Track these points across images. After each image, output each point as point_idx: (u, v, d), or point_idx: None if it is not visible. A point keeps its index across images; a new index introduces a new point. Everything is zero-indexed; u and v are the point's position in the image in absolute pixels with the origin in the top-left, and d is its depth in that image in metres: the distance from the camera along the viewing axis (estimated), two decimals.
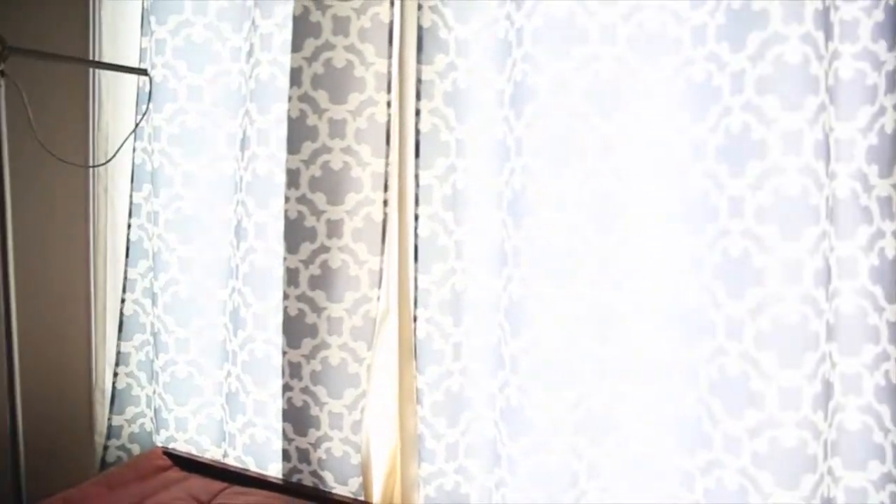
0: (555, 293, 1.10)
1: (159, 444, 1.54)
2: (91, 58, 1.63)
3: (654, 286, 1.10)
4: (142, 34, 1.52)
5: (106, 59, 1.60)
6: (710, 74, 1.01)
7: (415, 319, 1.22)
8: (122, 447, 1.61)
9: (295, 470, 1.35)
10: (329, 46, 1.23)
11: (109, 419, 1.59)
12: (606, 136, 1.09)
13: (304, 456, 1.33)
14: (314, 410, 1.30)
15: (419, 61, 1.20)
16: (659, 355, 1.10)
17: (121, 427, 1.60)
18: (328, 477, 1.32)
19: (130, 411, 1.60)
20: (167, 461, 1.46)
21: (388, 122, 1.26)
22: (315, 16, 1.24)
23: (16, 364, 1.31)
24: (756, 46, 0.94)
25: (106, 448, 1.60)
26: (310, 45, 1.24)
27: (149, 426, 1.61)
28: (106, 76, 1.60)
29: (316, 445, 1.32)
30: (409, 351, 1.25)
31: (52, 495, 1.30)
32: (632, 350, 1.12)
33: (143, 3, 1.52)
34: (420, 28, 1.19)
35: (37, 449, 1.72)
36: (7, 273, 1.28)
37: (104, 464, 1.62)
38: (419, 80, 1.20)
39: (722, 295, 0.99)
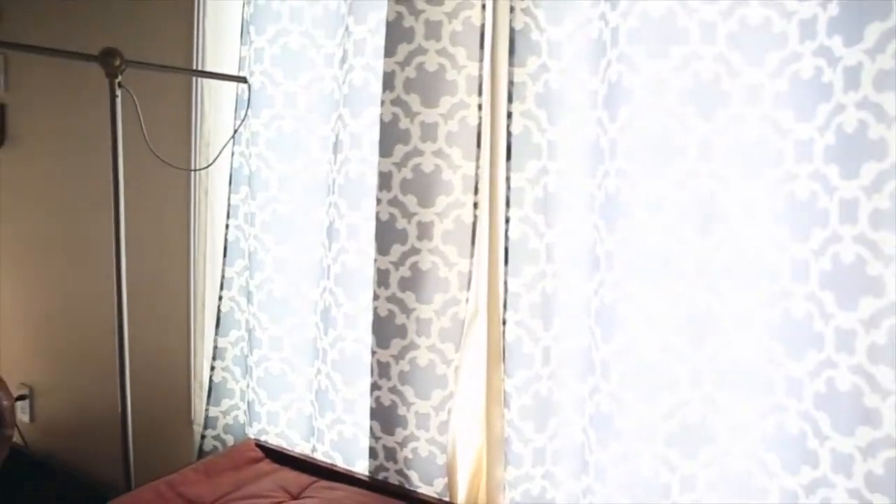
0: (648, 297, 1.07)
1: (251, 436, 1.60)
2: (194, 68, 1.71)
3: (754, 292, 1.05)
4: (241, 44, 1.59)
5: (208, 69, 1.68)
6: (820, 70, 0.96)
7: (504, 322, 1.22)
8: (217, 437, 1.68)
9: (381, 468, 1.37)
10: (421, 51, 1.25)
11: (206, 410, 1.67)
12: (705, 136, 1.06)
13: (390, 454, 1.35)
14: (402, 410, 1.32)
15: (511, 63, 1.19)
16: (759, 366, 1.05)
17: (216, 418, 1.67)
18: (413, 476, 1.34)
19: (225, 403, 1.67)
20: (259, 453, 1.52)
21: (479, 124, 1.26)
22: (408, 21, 1.26)
23: (126, 357, 1.40)
24: (875, 39, 0.89)
25: (203, 437, 1.68)
26: (402, 49, 1.26)
27: (242, 418, 1.67)
28: (208, 85, 1.69)
29: (403, 444, 1.33)
30: (498, 354, 1.25)
31: (157, 479, 1.38)
32: (729, 359, 1.08)
33: (242, 15, 1.59)
34: (512, 30, 1.19)
35: (142, 435, 1.83)
36: (120, 270, 1.37)
37: (201, 451, 1.70)
38: (511, 83, 1.19)
39: (831, 304, 0.94)
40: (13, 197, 2.40)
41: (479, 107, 1.26)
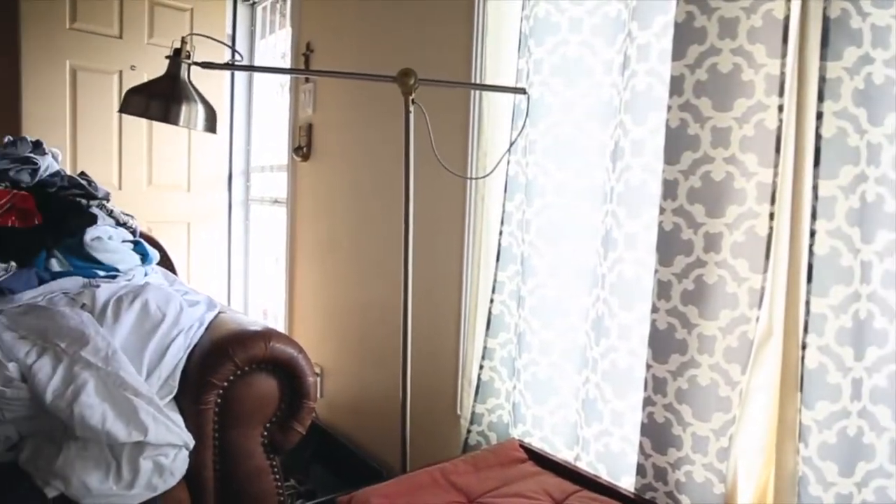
0: None
1: (515, 437, 1.65)
2: (473, 82, 1.82)
3: None
4: (519, 57, 1.65)
5: (488, 83, 1.77)
6: None
7: (803, 347, 1.09)
8: (481, 433, 1.76)
9: (649, 487, 1.32)
10: (714, 51, 1.18)
11: (473, 406, 1.76)
12: None
13: (660, 474, 1.29)
14: (676, 429, 1.25)
15: (823, 58, 1.07)
16: None
17: (482, 415, 1.76)
18: (685, 501, 1.26)
19: (491, 402, 1.74)
20: (523, 454, 1.55)
21: (779, 127, 1.15)
22: (699, 21, 1.19)
23: (409, 351, 1.53)
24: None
25: (469, 432, 1.77)
26: (693, 51, 1.20)
27: (506, 418, 1.73)
28: (486, 97, 1.78)
29: (675, 466, 1.27)
30: (794, 381, 1.12)
31: (427, 465, 1.48)
32: None
33: (521, 29, 1.64)
34: (826, 20, 1.06)
35: (412, 422, 1.99)
36: (407, 271, 1.50)
37: (466, 445, 1.79)
38: (822, 79, 1.07)
39: None
40: (314, 203, 2.78)
41: (780, 108, 1.15)
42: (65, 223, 1.64)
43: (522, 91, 1.59)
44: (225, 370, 1.47)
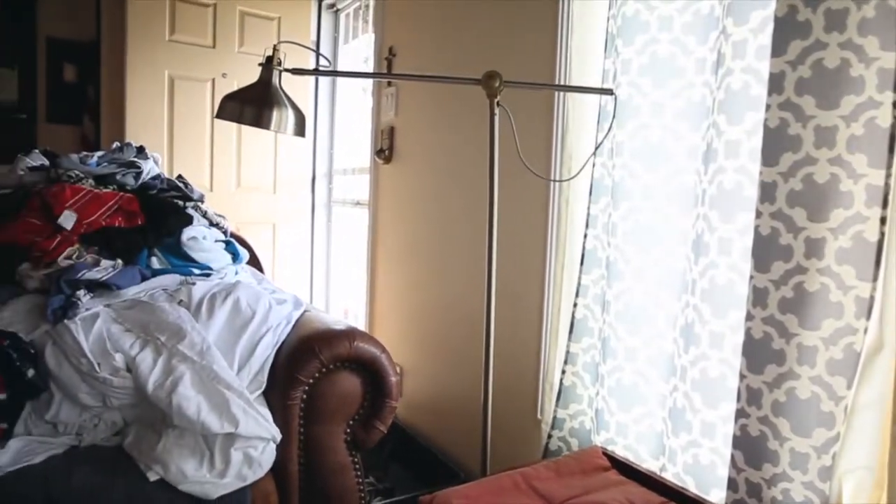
0: None
1: (598, 444, 1.62)
2: (556, 82, 1.80)
3: None
4: (605, 56, 1.62)
5: (573, 84, 1.75)
6: None
7: None
8: (562, 438, 1.74)
9: (741, 502, 1.26)
10: (819, 46, 1.12)
11: (555, 411, 1.73)
12: None
13: (754, 490, 1.23)
14: (772, 444, 1.19)
15: None
16: None
17: (564, 420, 1.73)
18: None
19: (573, 407, 1.72)
20: (606, 462, 1.52)
21: (893, 125, 1.07)
22: (803, 14, 1.13)
23: (491, 354, 1.53)
24: None
25: (550, 437, 1.75)
26: (795, 46, 1.14)
27: (588, 424, 1.70)
28: (571, 99, 1.76)
29: (771, 483, 1.21)
30: None
31: (511, 469, 1.47)
32: None
33: (607, 29, 1.61)
34: None
35: (494, 427, 1.99)
36: (491, 273, 1.50)
37: (547, 450, 1.77)
38: None
39: None
40: (395, 205, 2.82)
41: (894, 105, 1.07)
42: (164, 223, 1.74)
43: (609, 92, 1.56)
44: (311, 367, 1.51)
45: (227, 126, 3.50)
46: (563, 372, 1.71)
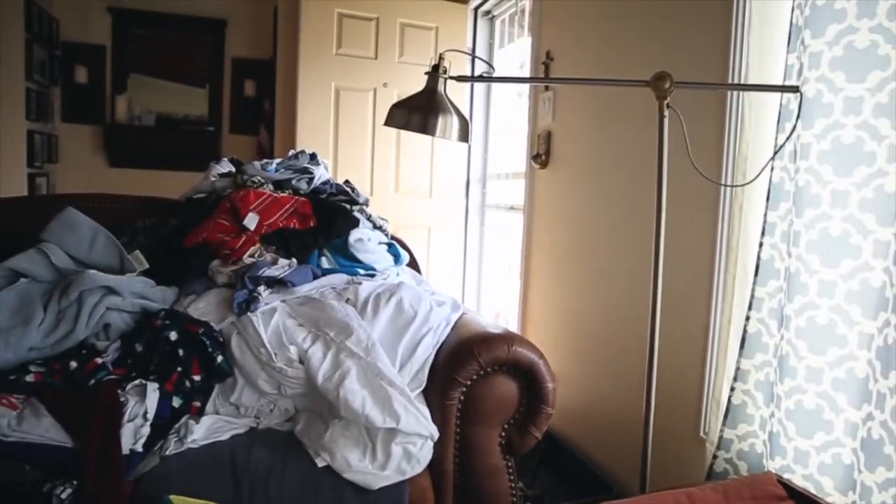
0: None
1: (772, 470, 1.49)
2: (730, 81, 1.69)
3: None
4: (788, 51, 1.49)
5: (751, 82, 1.63)
6: None
7: None
8: (729, 461, 1.62)
9: None
10: None
11: (721, 431, 1.62)
12: None
13: None
14: None
15: None
16: None
17: (731, 441, 1.61)
18: None
19: (742, 428, 1.60)
20: (782, 491, 1.40)
21: None
22: None
23: (654, 367, 1.46)
24: None
25: (715, 457, 1.64)
26: None
27: (760, 448, 1.57)
28: (748, 98, 1.64)
29: None
30: None
31: (673, 488, 1.40)
32: None
33: (791, 20, 1.48)
34: None
35: (653, 442, 1.90)
36: (657, 282, 1.44)
37: (711, 471, 1.66)
38: None
39: None
40: (551, 210, 2.79)
41: None
42: (334, 226, 1.85)
43: (794, 89, 1.43)
44: (470, 369, 1.53)
45: (388, 133, 3.67)
46: (732, 389, 1.60)
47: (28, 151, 3.93)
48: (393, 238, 2.09)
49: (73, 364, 1.52)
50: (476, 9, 3.87)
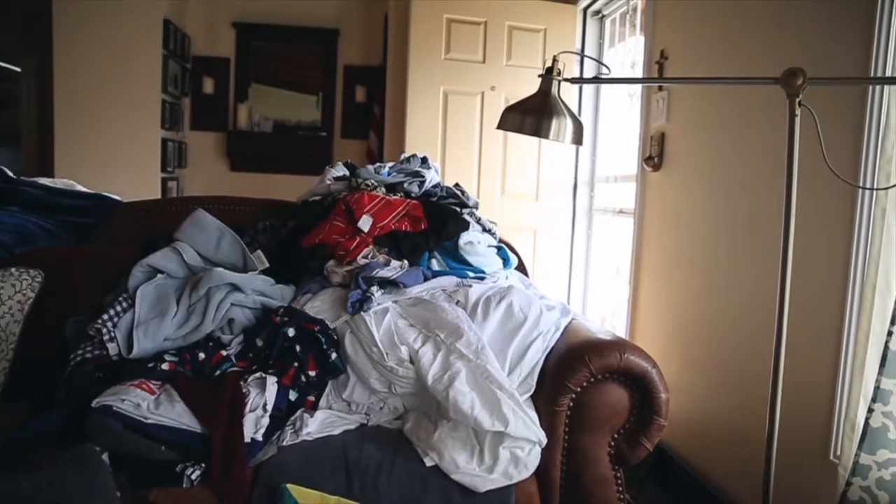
0: None
1: None
2: (875, 76, 1.56)
3: None
4: None
5: None
6: None
7: None
8: (866, 489, 1.50)
9: None
10: None
11: (857, 456, 1.50)
12: None
13: None
14: None
15: None
16: None
17: (868, 467, 1.49)
18: None
19: (883, 454, 1.47)
20: None
21: None
22: None
23: (780, 383, 1.37)
24: None
25: (849, 484, 1.52)
26: None
27: None
28: (894, 92, 1.51)
29: None
30: None
31: None
32: None
33: None
34: None
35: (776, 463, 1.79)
36: (784, 295, 1.35)
37: (844, 499, 1.54)
38: None
39: None
40: (664, 214, 2.69)
41: None
42: (444, 228, 1.86)
43: None
44: (580, 376, 1.50)
45: (495, 136, 3.68)
46: (871, 410, 1.47)
47: (161, 157, 4.25)
48: (501, 241, 2.09)
49: (202, 355, 1.62)
50: (585, 9, 3.80)
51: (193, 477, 1.39)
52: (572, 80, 1.50)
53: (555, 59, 1.53)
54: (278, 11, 4.77)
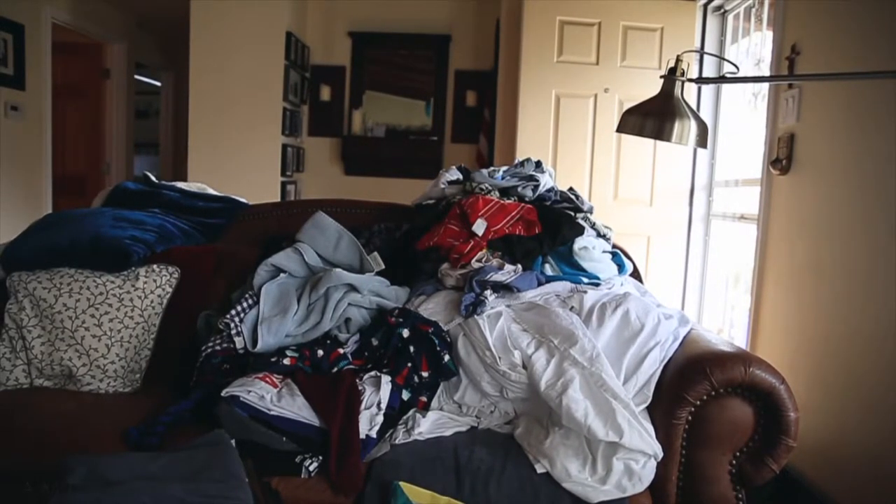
0: None
1: None
2: None
3: None
4: None
5: None
6: None
7: None
8: None
9: None
10: None
11: None
12: None
13: None
14: None
15: None
16: None
17: None
18: None
19: None
20: None
21: None
22: None
23: None
24: None
25: None
26: None
27: None
28: None
29: None
30: None
31: None
32: None
33: None
34: None
35: None
36: None
37: None
38: None
39: None
40: (792, 220, 2.52)
41: None
42: (559, 233, 1.84)
43: None
44: (700, 388, 1.44)
45: (607, 139, 3.60)
46: None
47: (281, 162, 4.49)
48: (615, 247, 2.04)
49: (320, 352, 1.69)
50: (706, 5, 3.64)
51: (311, 468, 1.46)
52: (696, 81, 1.44)
53: (678, 59, 1.48)
54: (392, 19, 4.91)
